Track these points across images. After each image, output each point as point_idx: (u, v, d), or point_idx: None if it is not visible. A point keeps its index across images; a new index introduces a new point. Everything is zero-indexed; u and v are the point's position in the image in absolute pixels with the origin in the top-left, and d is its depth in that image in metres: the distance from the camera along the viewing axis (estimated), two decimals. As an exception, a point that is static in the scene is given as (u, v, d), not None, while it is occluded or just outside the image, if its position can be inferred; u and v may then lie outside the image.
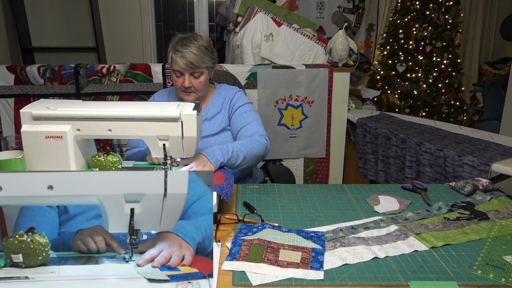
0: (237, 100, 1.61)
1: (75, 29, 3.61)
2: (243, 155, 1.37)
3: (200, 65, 1.47)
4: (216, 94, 1.64)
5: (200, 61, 1.46)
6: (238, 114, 1.58)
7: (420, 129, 2.34)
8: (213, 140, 1.57)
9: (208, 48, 1.51)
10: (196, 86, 1.51)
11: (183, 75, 1.49)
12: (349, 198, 1.32)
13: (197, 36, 1.51)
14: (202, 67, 1.49)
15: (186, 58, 1.44)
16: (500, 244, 1.03)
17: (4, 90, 2.46)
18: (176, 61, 1.46)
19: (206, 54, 1.49)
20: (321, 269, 0.91)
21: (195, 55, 1.45)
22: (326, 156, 2.76)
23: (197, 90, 1.53)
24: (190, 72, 1.48)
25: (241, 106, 1.59)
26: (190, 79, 1.49)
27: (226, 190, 1.17)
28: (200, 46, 1.47)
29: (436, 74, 3.62)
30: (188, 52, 1.44)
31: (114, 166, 1.26)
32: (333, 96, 2.66)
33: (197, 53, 1.46)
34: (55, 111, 1.16)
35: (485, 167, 1.72)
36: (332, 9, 3.98)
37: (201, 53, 1.47)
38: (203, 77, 1.51)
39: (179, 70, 1.48)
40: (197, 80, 1.50)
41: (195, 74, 1.49)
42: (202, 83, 1.52)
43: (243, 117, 1.57)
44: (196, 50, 1.46)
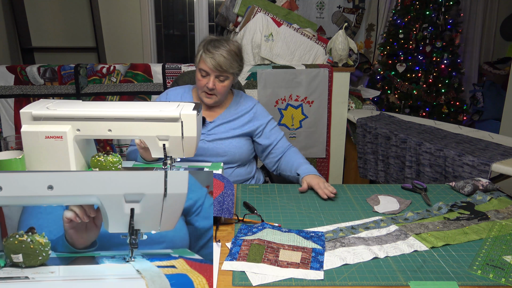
0: (262, 114, 1.65)
1: (75, 29, 3.61)
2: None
3: (228, 69, 1.47)
4: (235, 101, 1.65)
5: (228, 65, 1.47)
6: (269, 130, 1.64)
7: (420, 129, 2.34)
8: (227, 143, 1.58)
9: (238, 54, 1.51)
10: (219, 90, 1.51)
11: (208, 75, 1.48)
12: (349, 198, 1.32)
13: (229, 40, 1.51)
14: (229, 72, 1.49)
15: (216, 60, 1.44)
16: (500, 244, 1.03)
17: (4, 90, 2.46)
18: (205, 61, 1.46)
19: (235, 60, 1.50)
20: (321, 269, 0.91)
21: (225, 59, 1.45)
22: (326, 156, 2.76)
23: (219, 94, 1.53)
24: (216, 74, 1.48)
25: (269, 122, 1.65)
26: (215, 81, 1.49)
27: (227, 205, 1.13)
28: (231, 51, 1.47)
29: (436, 74, 3.62)
30: (219, 54, 1.45)
31: (114, 166, 1.26)
32: (333, 96, 2.66)
33: (227, 57, 1.46)
34: (55, 111, 1.16)
35: (485, 167, 1.72)
36: (332, 9, 3.99)
37: (231, 57, 1.47)
38: (227, 81, 1.51)
39: (206, 70, 1.47)
40: (221, 83, 1.50)
41: (221, 77, 1.49)
42: (225, 87, 1.52)
43: (272, 133, 1.64)
44: (227, 54, 1.46)
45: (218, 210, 1.09)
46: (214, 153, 1.57)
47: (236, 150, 1.58)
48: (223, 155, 1.57)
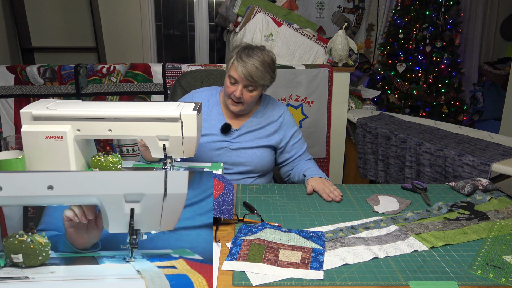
0: (288, 125, 1.60)
1: (75, 29, 3.61)
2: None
3: (259, 80, 1.43)
4: (261, 107, 1.59)
5: (260, 76, 1.42)
6: (291, 144, 1.59)
7: (420, 129, 2.34)
8: (250, 153, 1.53)
9: (271, 66, 1.46)
10: (246, 99, 1.46)
11: (237, 83, 1.44)
12: (349, 198, 1.32)
13: (264, 50, 1.46)
14: (259, 83, 1.45)
15: (247, 69, 1.40)
16: (500, 244, 1.03)
17: (4, 90, 2.46)
18: (236, 69, 1.41)
19: (268, 72, 1.44)
20: (321, 269, 0.91)
21: (257, 69, 1.40)
22: (326, 156, 2.76)
23: (246, 103, 1.48)
24: (245, 84, 1.43)
25: (293, 136, 1.60)
26: (243, 90, 1.44)
27: (227, 206, 1.12)
28: (264, 62, 1.42)
29: (436, 74, 3.62)
30: (251, 64, 1.40)
31: (114, 166, 1.26)
32: (333, 96, 2.66)
33: (260, 68, 1.41)
34: (55, 111, 1.16)
35: (485, 167, 1.72)
36: (332, 9, 3.99)
37: (263, 69, 1.42)
38: (256, 92, 1.47)
39: (235, 78, 1.43)
40: (249, 93, 1.46)
41: (250, 87, 1.44)
42: (253, 97, 1.47)
43: (294, 147, 1.60)
44: (259, 65, 1.41)
45: (218, 210, 1.09)
46: (236, 162, 1.52)
47: (258, 161, 1.54)
48: (245, 165, 1.53)
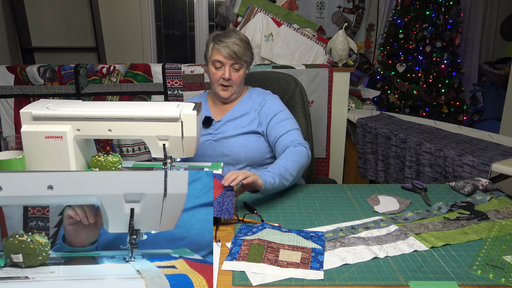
0: (271, 106, 1.54)
1: (75, 29, 3.61)
2: (292, 176, 1.28)
3: (242, 56, 1.49)
4: (246, 96, 1.61)
5: (242, 52, 1.49)
6: (276, 123, 1.50)
7: (420, 129, 2.34)
8: (232, 141, 1.51)
9: (248, 43, 1.55)
10: (234, 80, 1.52)
11: (223, 66, 1.50)
12: (349, 198, 1.32)
13: (236, 30, 1.55)
14: (243, 59, 1.51)
15: (230, 47, 1.46)
16: (500, 244, 1.03)
17: (4, 90, 2.46)
18: (219, 51, 1.47)
19: (247, 48, 1.53)
20: (321, 269, 0.91)
21: (239, 46, 1.48)
22: (326, 156, 2.76)
23: (235, 85, 1.53)
24: (231, 63, 1.49)
25: (277, 114, 1.51)
26: (231, 70, 1.50)
27: (227, 206, 1.11)
28: (242, 39, 1.51)
29: (436, 74, 3.62)
30: (231, 42, 1.47)
31: (114, 166, 1.26)
32: (333, 96, 2.66)
33: (240, 44, 1.49)
34: (55, 111, 1.16)
35: (485, 167, 1.72)
36: (332, 9, 3.99)
37: (243, 45, 1.50)
38: (242, 70, 1.53)
39: (220, 60, 1.48)
40: (236, 73, 1.51)
41: (236, 66, 1.50)
42: (240, 77, 1.53)
43: (280, 125, 1.49)
44: (239, 41, 1.49)
45: (218, 210, 1.09)
46: (220, 153, 1.51)
47: (241, 148, 1.49)
48: (228, 155, 1.50)
